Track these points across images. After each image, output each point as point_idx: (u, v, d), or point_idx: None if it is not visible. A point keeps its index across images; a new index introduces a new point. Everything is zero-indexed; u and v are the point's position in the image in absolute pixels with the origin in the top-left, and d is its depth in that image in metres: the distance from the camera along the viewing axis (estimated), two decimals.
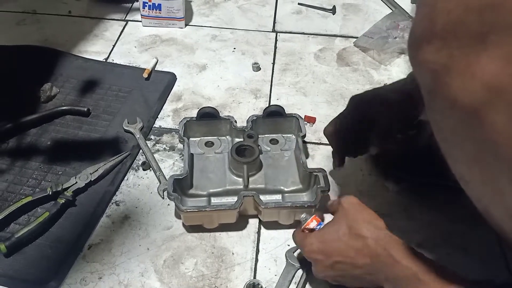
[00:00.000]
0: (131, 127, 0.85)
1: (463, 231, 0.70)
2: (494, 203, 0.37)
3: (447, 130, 0.37)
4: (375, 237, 0.54)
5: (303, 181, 0.74)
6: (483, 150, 0.33)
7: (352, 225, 0.56)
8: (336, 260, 0.56)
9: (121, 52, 1.06)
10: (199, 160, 0.77)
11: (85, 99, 0.92)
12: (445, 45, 0.33)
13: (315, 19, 1.18)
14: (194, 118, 0.80)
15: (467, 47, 0.31)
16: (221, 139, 0.82)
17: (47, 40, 1.08)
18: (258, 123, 0.81)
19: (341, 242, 0.55)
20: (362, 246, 0.54)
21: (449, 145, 0.38)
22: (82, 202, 0.73)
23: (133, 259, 0.66)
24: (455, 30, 0.32)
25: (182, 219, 0.70)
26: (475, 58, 0.31)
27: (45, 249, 0.67)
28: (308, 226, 0.62)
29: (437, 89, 0.35)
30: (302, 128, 0.79)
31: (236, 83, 0.98)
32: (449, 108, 0.34)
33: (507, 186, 0.33)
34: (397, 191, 0.77)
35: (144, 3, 1.10)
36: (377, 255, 0.53)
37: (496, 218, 0.39)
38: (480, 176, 0.36)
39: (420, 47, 0.35)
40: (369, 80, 0.99)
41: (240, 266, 0.66)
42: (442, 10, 0.33)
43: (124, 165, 0.79)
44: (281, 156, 0.79)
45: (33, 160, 0.79)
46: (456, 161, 0.38)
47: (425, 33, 0.35)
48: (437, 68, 0.34)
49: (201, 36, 1.11)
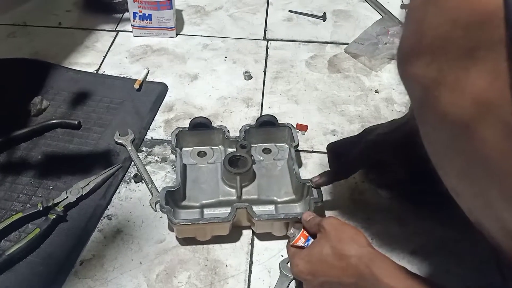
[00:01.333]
0: (122, 139, 0.85)
1: (456, 238, 0.70)
2: (485, 215, 0.37)
3: (438, 143, 0.37)
4: (358, 255, 0.54)
5: (296, 192, 0.74)
6: (473, 164, 0.33)
7: (335, 245, 0.56)
8: (324, 280, 0.56)
9: (112, 63, 1.05)
10: (192, 171, 0.77)
11: (76, 112, 0.91)
12: (434, 60, 0.33)
13: (306, 26, 1.19)
14: (187, 128, 0.80)
15: (456, 62, 0.31)
16: (214, 148, 0.82)
17: (38, 52, 1.08)
18: (251, 133, 0.81)
19: (326, 262, 0.56)
20: (346, 266, 0.54)
21: (439, 158, 0.38)
22: (73, 217, 0.72)
23: (125, 274, 0.66)
24: (444, 46, 0.32)
25: (175, 232, 0.69)
26: (464, 73, 0.31)
27: (36, 266, 0.66)
28: (297, 244, 0.62)
29: (427, 103, 0.35)
30: (295, 138, 0.79)
31: (228, 92, 0.98)
32: (439, 122, 0.34)
33: (498, 199, 0.33)
34: (390, 198, 0.76)
35: (134, 14, 1.10)
36: (361, 273, 0.53)
37: (488, 230, 0.39)
38: (471, 189, 0.36)
39: (409, 62, 0.35)
40: (360, 87, 0.99)
41: (234, 278, 0.66)
42: (430, 26, 0.32)
43: (115, 178, 0.79)
44: (274, 166, 0.79)
45: (23, 175, 0.79)
46: (447, 173, 0.38)
47: (414, 48, 0.35)
48: (426, 82, 0.34)
49: (192, 46, 1.11)
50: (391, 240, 0.71)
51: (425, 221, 0.73)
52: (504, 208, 0.33)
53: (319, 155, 0.84)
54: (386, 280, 0.50)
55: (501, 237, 0.37)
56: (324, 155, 0.84)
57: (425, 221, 0.73)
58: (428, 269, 0.67)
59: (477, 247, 0.68)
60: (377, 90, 0.98)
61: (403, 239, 0.71)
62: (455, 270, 0.67)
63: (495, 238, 0.39)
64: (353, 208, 0.75)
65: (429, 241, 0.71)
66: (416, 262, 0.67)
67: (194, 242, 0.70)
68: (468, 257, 0.68)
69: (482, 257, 0.68)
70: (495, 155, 0.31)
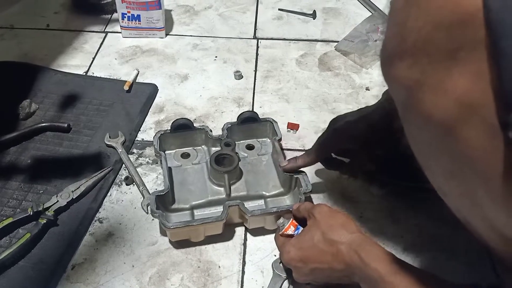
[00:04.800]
0: (113, 141, 0.84)
1: (449, 234, 0.70)
2: (473, 215, 0.37)
3: (423, 144, 0.37)
4: (348, 241, 0.55)
5: (284, 184, 0.75)
6: (459, 164, 0.33)
7: (326, 232, 0.57)
8: (315, 267, 0.57)
9: (101, 65, 1.04)
10: (178, 173, 0.77)
11: (66, 115, 0.90)
12: (417, 62, 0.33)
13: (295, 24, 1.18)
14: (168, 131, 0.79)
15: (438, 63, 0.31)
16: (197, 149, 0.81)
17: (26, 55, 1.07)
18: (233, 130, 0.81)
19: (316, 248, 0.57)
20: (336, 252, 0.55)
21: (425, 159, 0.38)
22: (64, 221, 0.72)
23: (117, 277, 0.65)
24: (426, 47, 0.32)
25: (168, 235, 0.69)
26: (447, 74, 0.31)
27: (27, 271, 0.65)
28: (286, 232, 0.63)
29: (411, 105, 0.35)
30: (278, 131, 0.80)
31: (218, 92, 0.98)
32: (423, 123, 0.34)
33: (484, 199, 0.33)
34: (382, 196, 0.77)
35: (123, 14, 1.09)
36: (350, 258, 0.54)
37: (476, 229, 0.39)
38: (457, 189, 0.36)
39: (392, 64, 0.35)
40: (351, 84, 0.99)
41: (227, 279, 0.66)
42: (412, 28, 0.33)
43: (106, 180, 0.78)
44: (259, 161, 0.80)
45: (13, 179, 0.78)
46: (433, 174, 0.38)
47: (396, 50, 0.35)
48: (410, 84, 0.34)
49: (182, 46, 1.11)
50: (384, 237, 0.71)
51: (418, 217, 0.73)
52: (490, 207, 0.33)
53: None
54: (374, 264, 0.52)
55: (488, 236, 0.38)
56: None
57: (418, 218, 0.73)
58: (421, 265, 0.67)
59: (470, 243, 0.69)
60: (368, 87, 0.98)
61: (395, 236, 0.71)
62: (448, 266, 0.67)
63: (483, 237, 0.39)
64: (345, 205, 0.75)
65: (421, 237, 0.71)
66: (409, 259, 0.68)
67: (187, 244, 0.69)
68: (461, 253, 0.68)
69: (475, 253, 0.68)
70: (479, 155, 0.31)
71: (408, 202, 0.75)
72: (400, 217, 0.74)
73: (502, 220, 0.33)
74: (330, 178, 0.79)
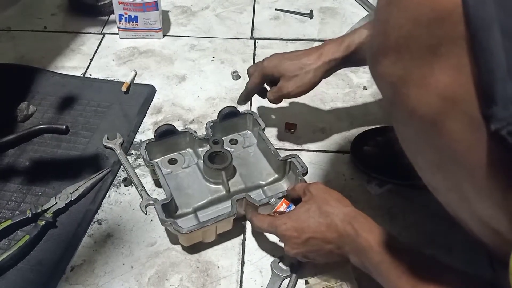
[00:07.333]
0: (111, 142, 0.84)
1: (446, 231, 0.70)
2: (462, 209, 0.38)
3: (409, 139, 0.38)
4: (342, 213, 0.58)
5: (278, 170, 0.76)
6: (444, 158, 0.34)
7: (321, 205, 0.60)
8: (309, 236, 0.59)
9: (99, 66, 1.05)
10: (170, 180, 0.75)
11: (63, 116, 0.91)
12: (400, 58, 0.34)
13: (293, 24, 1.19)
14: (153, 140, 0.78)
15: (420, 59, 0.32)
16: (182, 153, 0.80)
17: (24, 57, 1.07)
18: (216, 128, 0.81)
19: (312, 219, 0.59)
20: (331, 222, 0.58)
21: (413, 154, 0.39)
22: (63, 222, 0.72)
23: (117, 278, 0.66)
24: (407, 44, 0.33)
25: (182, 241, 0.68)
26: (429, 69, 0.32)
27: (27, 273, 0.65)
28: (279, 210, 0.66)
29: (396, 101, 0.36)
30: (260, 122, 0.81)
31: (216, 92, 0.98)
32: (409, 119, 0.35)
33: (471, 192, 0.34)
34: (379, 195, 0.77)
35: (120, 16, 1.09)
36: (344, 228, 0.56)
37: (466, 223, 0.39)
38: (445, 183, 0.37)
39: (378, 61, 0.36)
40: (348, 84, 0.99)
41: (226, 279, 0.66)
42: (394, 25, 0.33)
43: (105, 182, 0.78)
44: (246, 153, 0.81)
45: (11, 181, 0.78)
46: (421, 169, 0.39)
47: (380, 47, 0.36)
48: (394, 80, 0.35)
49: (179, 46, 1.11)
50: None
51: (415, 215, 0.73)
52: (477, 200, 0.34)
53: (308, 153, 0.85)
54: (365, 234, 0.54)
55: (478, 230, 0.38)
56: (313, 153, 0.85)
57: (415, 216, 0.73)
58: None
59: (467, 240, 0.69)
60: (365, 86, 0.99)
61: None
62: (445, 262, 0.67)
63: (474, 231, 0.40)
64: None
65: (419, 235, 0.71)
66: None
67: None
68: (458, 249, 0.69)
69: (472, 249, 0.68)
70: (463, 148, 0.31)
71: (406, 200, 0.75)
72: (398, 215, 0.74)
73: (489, 213, 0.34)
74: (327, 179, 0.80)
